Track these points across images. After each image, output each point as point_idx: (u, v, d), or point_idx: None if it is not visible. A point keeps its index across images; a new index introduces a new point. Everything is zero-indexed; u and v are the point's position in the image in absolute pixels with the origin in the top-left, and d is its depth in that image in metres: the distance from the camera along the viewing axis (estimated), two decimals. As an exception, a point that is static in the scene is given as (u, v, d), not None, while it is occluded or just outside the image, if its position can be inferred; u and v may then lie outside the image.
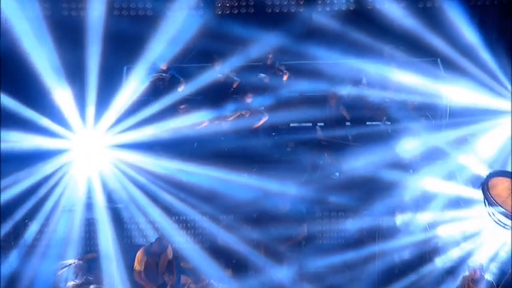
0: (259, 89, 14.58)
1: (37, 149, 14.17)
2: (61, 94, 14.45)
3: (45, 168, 14.18)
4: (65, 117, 14.47)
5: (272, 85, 14.73)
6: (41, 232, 14.05)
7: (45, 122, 14.34)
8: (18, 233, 14.01)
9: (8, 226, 13.93)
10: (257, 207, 13.92)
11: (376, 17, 15.12)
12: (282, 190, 13.77)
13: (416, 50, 15.06)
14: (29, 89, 14.64)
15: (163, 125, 14.33)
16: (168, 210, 13.96)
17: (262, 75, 14.52)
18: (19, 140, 14.11)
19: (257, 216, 13.87)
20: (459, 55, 14.96)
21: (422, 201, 14.28)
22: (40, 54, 14.39)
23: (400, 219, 14.20)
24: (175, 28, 14.58)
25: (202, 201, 14.13)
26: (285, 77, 14.52)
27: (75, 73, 14.55)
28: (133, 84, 14.63)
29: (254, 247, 13.72)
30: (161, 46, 14.59)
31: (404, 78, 14.94)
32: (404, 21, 14.95)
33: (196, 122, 14.37)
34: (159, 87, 14.54)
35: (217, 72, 14.59)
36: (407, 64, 15.10)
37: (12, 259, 13.89)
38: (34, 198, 13.95)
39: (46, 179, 14.16)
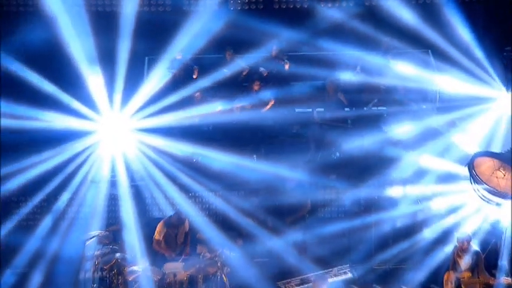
0: (265, 78, 15.17)
1: (68, 129, 14.83)
2: (93, 80, 14.95)
3: (75, 147, 14.79)
4: (95, 101, 15.04)
5: (276, 74, 15.28)
6: (69, 205, 14.58)
7: (76, 105, 14.95)
8: (49, 206, 14.58)
9: (38, 199, 14.50)
10: (265, 185, 14.52)
11: (374, 12, 15.55)
12: (288, 170, 14.47)
13: (410, 41, 15.46)
14: (65, 74, 15.12)
15: (182, 112, 14.91)
16: (184, 188, 14.49)
17: (262, 68, 15.13)
18: (53, 120, 14.73)
19: (265, 193, 14.52)
20: (449, 46, 15.29)
21: (415, 177, 14.66)
22: (77, 42, 14.95)
23: (394, 192, 14.69)
24: (195, 23, 15.04)
25: (215, 180, 14.70)
26: (286, 66, 15.07)
27: (106, 61, 15.06)
28: (156, 74, 15.02)
29: (262, 220, 14.39)
30: (182, 40, 15.02)
31: (399, 67, 15.42)
32: (400, 16, 15.28)
33: (211, 109, 14.96)
34: (177, 77, 15.04)
35: (229, 62, 15.09)
36: (401, 54, 15.50)
37: (43, 230, 14.44)
38: (63, 174, 14.47)
39: (75, 156, 14.74)
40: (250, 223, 14.53)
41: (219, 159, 14.72)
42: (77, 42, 14.93)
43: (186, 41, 15.15)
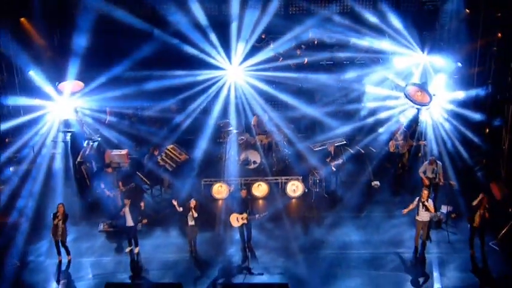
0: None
1: (208, 61, 22.09)
2: (234, 43, 22.03)
3: (210, 73, 22.10)
4: (230, 53, 22.39)
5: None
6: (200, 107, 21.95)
7: (218, 56, 22.53)
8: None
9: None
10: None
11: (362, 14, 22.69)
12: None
13: (380, 29, 22.49)
14: (224, 32, 22.02)
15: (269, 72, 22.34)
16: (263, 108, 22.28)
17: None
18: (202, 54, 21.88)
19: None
20: (400, 32, 22.23)
21: (379, 83, 21.82)
22: (244, 16, 21.35)
23: (367, 90, 22.32)
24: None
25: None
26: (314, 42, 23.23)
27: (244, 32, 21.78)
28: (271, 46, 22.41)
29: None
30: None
31: (372, 42, 22.84)
32: (385, 18, 22.14)
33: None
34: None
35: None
36: (373, 34, 22.89)
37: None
38: (197, 88, 21.53)
39: (207, 80, 22.03)
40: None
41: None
42: (244, 16, 21.11)
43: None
